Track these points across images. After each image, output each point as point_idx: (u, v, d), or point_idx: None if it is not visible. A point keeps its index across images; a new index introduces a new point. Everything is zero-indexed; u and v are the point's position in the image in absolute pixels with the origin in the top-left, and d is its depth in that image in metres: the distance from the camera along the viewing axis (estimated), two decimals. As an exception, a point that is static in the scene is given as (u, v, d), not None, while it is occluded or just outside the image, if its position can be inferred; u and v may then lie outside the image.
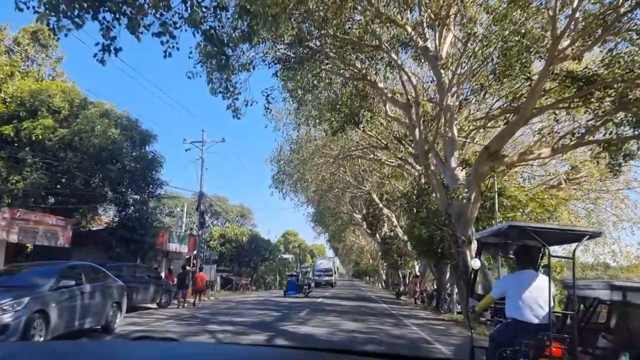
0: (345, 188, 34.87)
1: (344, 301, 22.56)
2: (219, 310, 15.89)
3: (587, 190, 22.75)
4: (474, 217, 14.62)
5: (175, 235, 23.21)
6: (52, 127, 14.86)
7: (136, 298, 15.10)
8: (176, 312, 15.10)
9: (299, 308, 16.29)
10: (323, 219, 47.61)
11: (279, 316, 13.31)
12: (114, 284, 9.79)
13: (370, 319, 13.58)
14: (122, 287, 10.16)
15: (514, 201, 19.04)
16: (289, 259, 52.74)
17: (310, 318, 12.96)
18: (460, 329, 12.33)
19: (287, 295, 24.47)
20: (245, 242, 39.02)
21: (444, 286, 22.44)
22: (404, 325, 12.57)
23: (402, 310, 19.07)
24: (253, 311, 15.01)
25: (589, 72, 12.28)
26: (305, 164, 27.99)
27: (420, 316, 16.36)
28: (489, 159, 13.77)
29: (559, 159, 21.52)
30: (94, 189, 18.13)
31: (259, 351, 1.83)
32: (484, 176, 14.50)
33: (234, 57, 12.31)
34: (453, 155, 15.09)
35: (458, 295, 15.97)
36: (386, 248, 38.66)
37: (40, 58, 18.35)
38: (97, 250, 17.97)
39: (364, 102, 18.71)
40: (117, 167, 17.01)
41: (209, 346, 3.07)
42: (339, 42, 14.56)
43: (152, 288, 16.10)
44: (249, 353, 1.62)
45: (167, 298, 16.99)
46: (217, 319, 12.51)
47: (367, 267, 72.64)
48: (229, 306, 17.67)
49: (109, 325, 9.26)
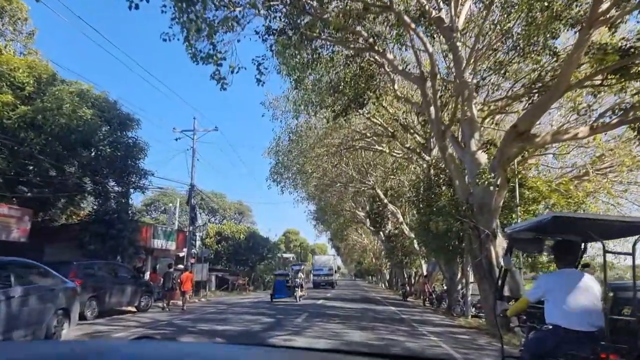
0: (348, 182, 32.91)
1: (347, 303, 20.55)
2: (204, 315, 13.91)
3: (613, 182, 20.66)
4: (499, 207, 12.61)
5: (160, 231, 21.14)
6: (11, 103, 12.88)
7: (109, 301, 13.18)
8: (154, 317, 13.11)
9: (296, 312, 14.28)
10: (324, 216, 45.68)
11: (271, 323, 11.30)
12: (59, 286, 7.80)
13: (379, 326, 11.56)
14: (71, 289, 8.20)
15: (534, 193, 17.10)
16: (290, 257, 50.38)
17: (308, 326, 10.94)
18: (489, 339, 10.30)
19: (275, 300, 19.87)
20: (243, 240, 37.09)
21: (455, 287, 20.55)
22: (420, 334, 10.54)
23: (413, 314, 17.04)
24: (243, 316, 13.01)
25: (626, 44, 10.58)
26: (306, 155, 25.95)
27: (434, 321, 14.33)
28: (518, 140, 11.75)
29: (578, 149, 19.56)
30: (68, 177, 16.17)
31: (260, 351, 1.71)
32: (512, 160, 12.47)
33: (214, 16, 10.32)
34: (473, 137, 13.05)
35: (480, 297, 13.92)
36: (390, 246, 36.97)
37: (8, 32, 16.36)
38: (70, 247, 16.02)
39: (370, 82, 16.73)
40: (90, 152, 15.03)
41: (209, 345, 2.88)
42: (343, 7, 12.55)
43: (130, 289, 14.14)
44: (250, 353, 1.58)
45: (148, 300, 15.01)
46: (196, 327, 10.51)
47: (370, 266, 71.03)
48: (218, 310, 15.68)
49: (50, 338, 7.26)
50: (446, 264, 21.18)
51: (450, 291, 20.81)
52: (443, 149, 13.17)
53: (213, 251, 36.10)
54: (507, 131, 12.11)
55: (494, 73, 15.85)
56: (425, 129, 22.37)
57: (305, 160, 26.53)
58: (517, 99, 15.65)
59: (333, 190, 34.65)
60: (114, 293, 13.41)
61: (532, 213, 17.42)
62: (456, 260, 20.73)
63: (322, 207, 40.02)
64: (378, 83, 17.09)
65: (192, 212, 22.67)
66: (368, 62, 16.57)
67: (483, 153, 12.99)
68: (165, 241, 20.91)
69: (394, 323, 12.65)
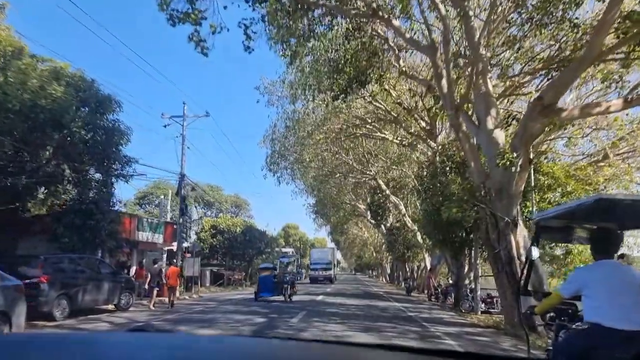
0: (348, 173, 31.49)
1: (348, 299, 19.16)
2: (189, 314, 12.51)
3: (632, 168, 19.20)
4: (521, 191, 11.17)
5: (146, 223, 19.62)
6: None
7: (83, 299, 11.79)
8: (133, 316, 11.71)
9: (292, 311, 12.87)
10: (324, 210, 44.24)
11: (262, 324, 9.89)
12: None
13: (386, 326, 10.17)
14: (14, 288, 6.70)
15: (549, 179, 15.75)
16: (290, 252, 48.87)
17: (305, 327, 9.53)
18: (512, 340, 8.92)
19: (260, 299, 17.06)
20: (239, 233, 35.67)
21: (463, 281, 19.23)
22: (434, 336, 9.14)
23: (420, 310, 15.66)
24: (232, 316, 11.59)
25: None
26: (303, 143, 24.46)
27: (445, 320, 12.94)
28: (543, 113, 10.30)
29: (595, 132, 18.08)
30: (41, 163, 14.70)
31: (261, 342, 1.62)
32: (535, 137, 11.05)
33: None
34: (489, 114, 11.59)
35: (498, 292, 12.52)
36: (392, 239, 35.70)
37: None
38: (44, 240, 14.61)
39: (372, 59, 15.24)
40: (63, 134, 13.53)
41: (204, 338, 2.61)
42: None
43: (108, 285, 12.72)
44: (250, 344, 1.48)
45: (129, 298, 13.59)
46: (176, 328, 9.09)
47: (370, 260, 69.87)
48: (208, 308, 14.29)
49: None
50: (453, 256, 19.84)
51: (458, 286, 19.49)
52: (457, 126, 11.70)
53: (208, 245, 34.75)
54: (531, 104, 10.64)
55: (508, 49, 14.39)
56: (430, 113, 20.96)
57: (302, 147, 25.05)
58: (534, 74, 14.19)
59: (333, 181, 33.23)
60: (89, 290, 12.00)
61: (548, 201, 16.11)
62: (464, 253, 19.43)
63: (321, 199, 38.58)
64: (382, 59, 15.61)
65: (183, 204, 21.23)
66: (371, 36, 15.10)
67: (501, 131, 11.52)
68: (151, 234, 19.42)
69: (401, 322, 11.24)
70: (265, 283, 17.56)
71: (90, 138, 15.09)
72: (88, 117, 14.63)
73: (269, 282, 17.53)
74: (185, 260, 20.60)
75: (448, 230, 16.42)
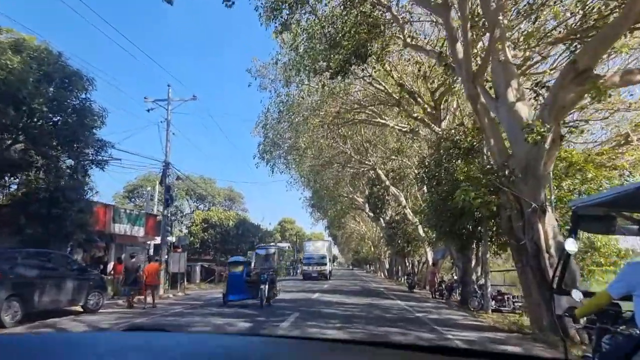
0: (345, 163, 29.88)
1: (347, 297, 17.57)
2: (165, 316, 10.90)
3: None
4: (550, 172, 9.61)
5: (124, 214, 17.89)
6: None
7: (40, 300, 10.17)
8: (98, 320, 10.10)
9: (282, 312, 11.26)
10: (321, 203, 42.60)
11: (244, 330, 8.27)
12: None
13: (393, 332, 8.61)
14: None
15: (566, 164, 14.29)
16: (285, 247, 47.08)
17: (298, 334, 7.91)
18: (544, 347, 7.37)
19: (229, 303, 13.19)
20: (232, 227, 34.05)
21: (470, 277, 17.77)
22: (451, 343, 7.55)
23: (426, 310, 14.11)
24: (212, 319, 9.98)
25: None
26: (298, 129, 22.79)
27: (457, 322, 11.37)
28: (577, 80, 8.70)
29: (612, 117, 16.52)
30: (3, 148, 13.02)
31: (256, 340, 1.63)
32: (568, 109, 9.44)
33: None
34: (510, 85, 10.00)
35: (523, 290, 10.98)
36: (392, 233, 34.18)
37: None
38: (4, 233, 12.94)
39: (373, 31, 13.62)
40: (22, 112, 11.83)
41: (202, 336, 2.29)
42: None
43: (72, 284, 11.10)
44: (246, 342, 1.48)
45: (98, 298, 11.97)
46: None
47: (368, 255, 68.50)
48: (188, 308, 12.68)
49: None
50: (459, 250, 18.35)
51: (464, 281, 18.02)
52: (474, 97, 10.08)
53: (199, 240, 33.14)
54: (564, 69, 9.05)
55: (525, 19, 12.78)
56: (434, 96, 19.38)
57: (297, 134, 23.38)
58: (556, 44, 12.57)
59: (330, 172, 31.62)
60: (48, 290, 10.38)
61: (566, 189, 14.64)
62: (471, 246, 17.92)
63: (318, 191, 36.88)
64: (383, 31, 13.98)
65: (167, 194, 19.52)
66: (372, 4, 13.48)
67: (523, 104, 9.92)
68: (130, 226, 17.70)
69: (410, 326, 9.66)
70: (234, 282, 13.49)
71: (60, 120, 13.43)
72: (54, 94, 12.93)
73: (238, 281, 13.44)
74: (170, 256, 18.97)
75: (455, 222, 14.87)
